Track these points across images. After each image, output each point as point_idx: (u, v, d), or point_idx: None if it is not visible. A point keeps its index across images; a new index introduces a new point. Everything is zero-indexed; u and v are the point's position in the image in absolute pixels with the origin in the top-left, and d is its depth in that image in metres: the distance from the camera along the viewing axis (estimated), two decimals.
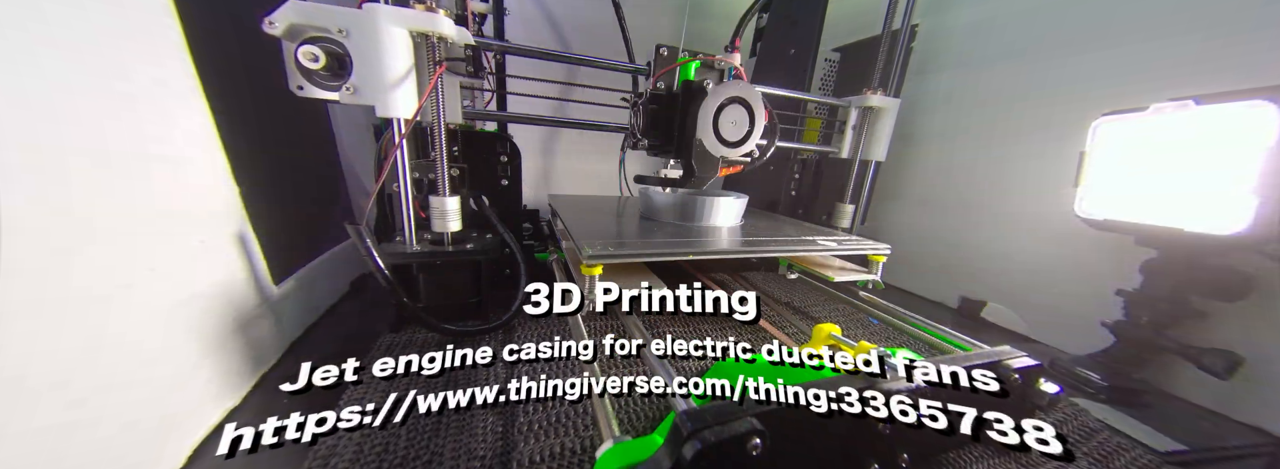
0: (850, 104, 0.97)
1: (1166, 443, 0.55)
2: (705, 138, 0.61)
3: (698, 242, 0.65)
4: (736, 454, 0.32)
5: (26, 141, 0.33)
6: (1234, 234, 0.54)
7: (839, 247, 0.70)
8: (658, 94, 0.65)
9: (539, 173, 1.45)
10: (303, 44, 0.53)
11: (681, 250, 0.60)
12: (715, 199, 0.76)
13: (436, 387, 0.55)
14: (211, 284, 0.51)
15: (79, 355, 0.36)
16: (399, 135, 0.59)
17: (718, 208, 0.76)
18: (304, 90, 0.57)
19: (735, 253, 0.65)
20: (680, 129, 0.63)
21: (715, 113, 0.60)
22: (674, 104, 0.63)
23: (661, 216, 0.80)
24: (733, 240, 0.69)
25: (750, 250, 0.65)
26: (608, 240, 0.60)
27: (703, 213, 0.77)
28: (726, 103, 0.60)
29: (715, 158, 0.63)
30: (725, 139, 0.62)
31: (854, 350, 0.44)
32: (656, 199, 0.80)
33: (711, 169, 0.64)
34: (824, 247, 0.69)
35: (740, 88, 0.60)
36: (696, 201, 0.76)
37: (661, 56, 0.68)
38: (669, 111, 0.65)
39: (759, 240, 0.69)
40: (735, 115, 0.62)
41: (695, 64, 0.63)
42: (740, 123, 0.63)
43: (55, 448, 0.33)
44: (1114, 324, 0.68)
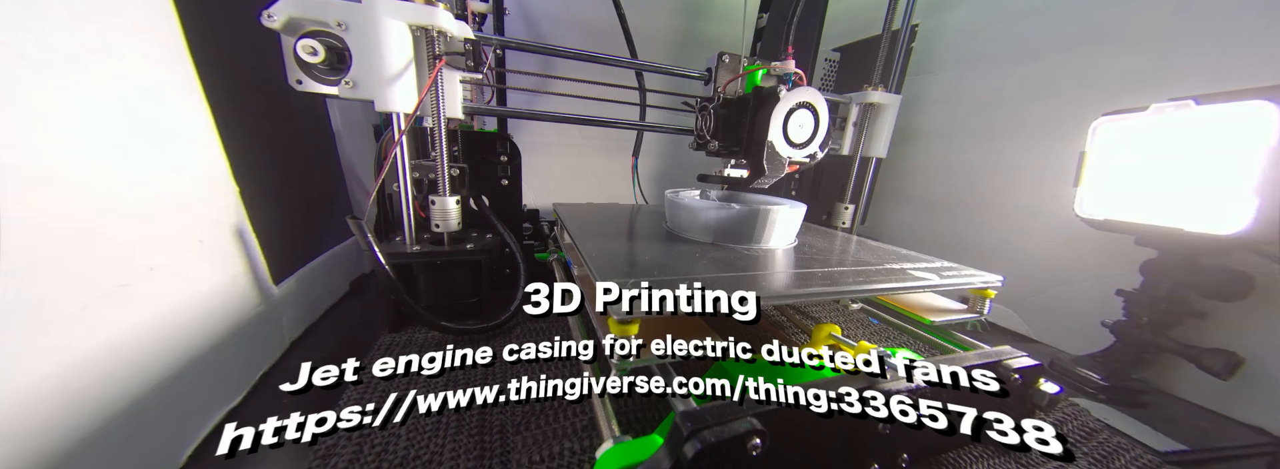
0: (851, 100, 0.97)
1: (1166, 443, 0.55)
2: (775, 140, 0.63)
3: (758, 275, 0.48)
4: (736, 454, 0.32)
5: (25, 141, 0.33)
6: (1234, 234, 0.54)
7: (939, 279, 0.53)
8: (729, 99, 0.69)
9: (539, 169, 1.45)
10: (301, 38, 0.53)
11: (749, 295, 0.43)
12: (771, 214, 0.60)
13: (436, 387, 0.55)
14: (211, 284, 0.51)
15: (79, 355, 0.36)
16: (399, 132, 0.59)
17: (774, 225, 0.61)
18: (303, 84, 0.57)
19: (819, 295, 0.47)
20: (750, 131, 0.66)
21: (785, 117, 0.63)
22: (744, 108, 0.66)
23: (694, 235, 0.64)
24: (800, 273, 0.52)
25: (834, 289, 0.47)
26: (640, 277, 0.44)
27: (756, 233, 0.61)
28: (796, 107, 0.63)
29: (783, 158, 0.65)
30: (793, 141, 0.65)
31: (854, 350, 0.44)
32: (693, 215, 0.63)
33: (779, 169, 0.66)
34: (921, 279, 0.52)
35: (809, 94, 0.63)
36: (750, 219, 0.60)
37: (723, 63, 0.72)
38: (738, 115, 0.68)
39: (834, 273, 0.52)
40: (802, 119, 0.64)
41: (763, 71, 0.65)
42: (806, 126, 0.65)
43: (54, 448, 0.33)
44: (1114, 324, 0.68)
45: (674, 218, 0.69)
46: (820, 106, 0.64)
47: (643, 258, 0.53)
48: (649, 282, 0.43)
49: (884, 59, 0.96)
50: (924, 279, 0.52)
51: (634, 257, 0.54)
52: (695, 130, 0.74)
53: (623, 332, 0.39)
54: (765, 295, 0.44)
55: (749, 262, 0.54)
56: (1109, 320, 0.69)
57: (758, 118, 0.64)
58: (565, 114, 0.87)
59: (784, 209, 0.61)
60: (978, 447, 0.51)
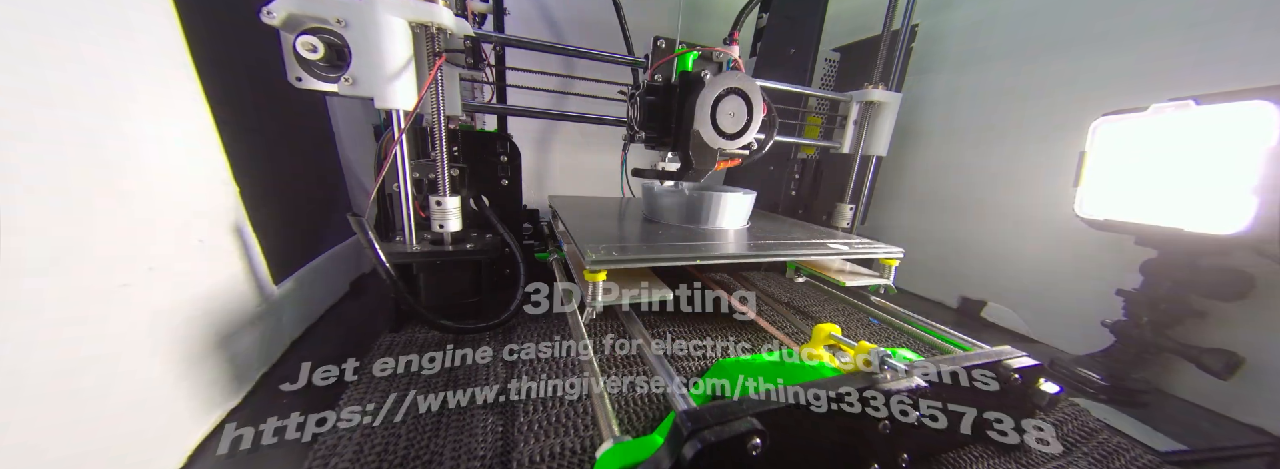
0: (851, 98, 0.97)
1: (1166, 443, 0.55)
2: (702, 129, 0.59)
3: (704, 245, 0.62)
4: (736, 454, 0.32)
5: (25, 141, 0.33)
6: (1234, 234, 0.54)
7: (850, 250, 0.68)
8: (655, 85, 0.64)
9: (539, 168, 1.45)
10: (301, 34, 0.52)
11: (687, 255, 0.58)
12: (721, 198, 0.72)
13: (436, 386, 0.55)
14: (211, 284, 0.51)
15: (79, 355, 0.36)
16: (398, 130, 0.58)
17: (724, 208, 0.73)
18: (302, 81, 0.56)
19: (743, 257, 0.63)
20: (677, 120, 0.62)
21: (713, 104, 0.59)
22: (671, 95, 0.63)
23: (665, 218, 0.78)
24: (740, 244, 0.66)
25: (758, 255, 0.63)
26: (611, 244, 0.58)
27: (708, 215, 0.74)
28: (724, 94, 0.59)
29: (713, 149, 0.62)
30: (723, 131, 0.61)
31: (854, 350, 0.44)
32: (660, 200, 0.77)
33: (709, 161, 0.63)
34: (834, 250, 0.67)
35: (738, 78, 0.59)
36: (702, 203, 0.73)
37: (659, 48, 0.67)
38: (666, 103, 0.64)
39: (766, 244, 0.67)
40: (733, 107, 0.61)
41: (693, 55, 0.62)
42: (738, 114, 0.61)
43: (53, 449, 0.33)
44: (1114, 324, 0.68)
45: (649, 204, 0.81)
46: (753, 93, 0.60)
47: (618, 232, 0.68)
48: (617, 246, 0.57)
49: (884, 59, 0.96)
50: (838, 249, 0.68)
51: (610, 231, 0.69)
52: (626, 120, 0.70)
53: (593, 278, 0.52)
54: (703, 256, 0.58)
55: (700, 235, 0.69)
56: (1109, 320, 0.69)
57: (684, 106, 0.60)
58: (565, 112, 0.87)
59: (734, 194, 0.74)
60: (978, 447, 0.51)
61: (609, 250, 0.55)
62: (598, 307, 0.53)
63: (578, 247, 0.57)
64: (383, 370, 0.58)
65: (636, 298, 0.54)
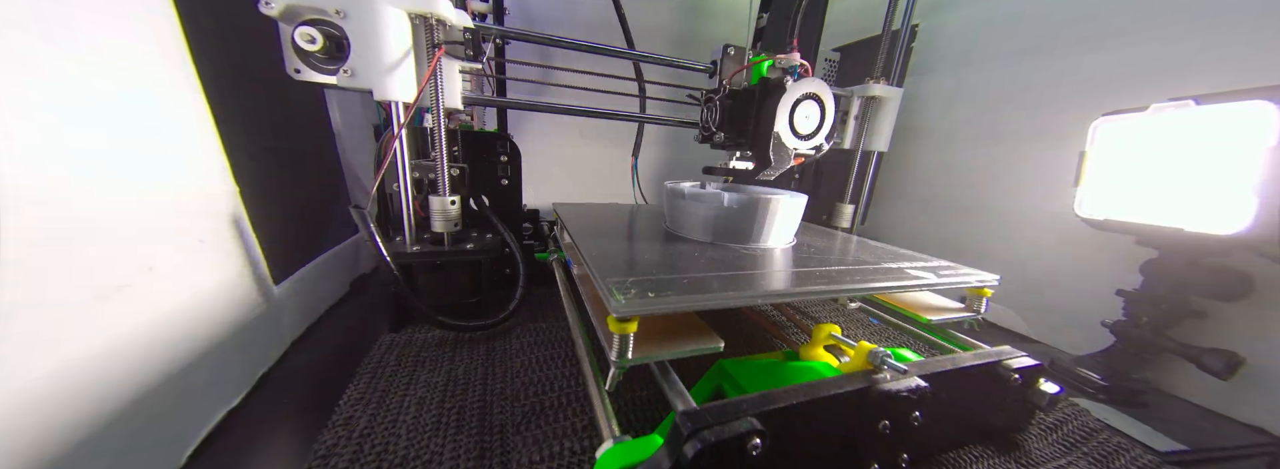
0: (852, 94, 0.97)
1: (1166, 443, 0.55)
2: (782, 131, 0.62)
3: (757, 276, 0.48)
4: (736, 454, 0.32)
5: (25, 140, 0.33)
6: (1234, 234, 0.54)
7: (937, 279, 0.53)
8: (736, 90, 0.68)
9: (539, 167, 1.44)
10: (299, 25, 0.52)
11: (746, 293, 0.42)
12: (771, 207, 0.60)
13: (436, 386, 0.55)
14: (211, 284, 0.51)
15: (79, 355, 0.36)
16: (398, 125, 0.58)
17: (773, 222, 0.61)
18: (301, 73, 0.56)
19: (815, 292, 0.46)
20: (756, 123, 0.65)
21: (792, 107, 0.62)
22: (750, 99, 0.66)
23: (694, 234, 0.64)
24: (798, 271, 0.52)
25: (831, 288, 0.47)
26: (638, 277, 0.43)
27: (757, 232, 0.61)
28: (802, 98, 0.62)
29: (789, 150, 0.64)
30: (799, 132, 0.64)
31: (854, 350, 0.44)
32: (689, 210, 0.64)
33: (785, 160, 0.65)
34: (918, 278, 0.52)
35: (815, 85, 0.62)
36: (746, 214, 0.60)
37: (729, 55, 0.71)
38: (744, 106, 0.67)
39: (832, 272, 0.52)
40: (808, 110, 0.63)
41: (769, 62, 0.64)
42: (812, 117, 0.64)
43: (55, 448, 0.33)
44: (1114, 324, 0.68)
45: (673, 215, 0.69)
46: (826, 98, 0.63)
47: (642, 257, 0.53)
48: (648, 280, 0.43)
49: (884, 59, 0.96)
50: (921, 278, 0.52)
51: (633, 256, 0.54)
52: (701, 122, 0.74)
53: (621, 329, 0.38)
54: (762, 295, 0.43)
55: (747, 261, 0.54)
56: (1109, 320, 0.69)
57: (763, 109, 0.63)
58: (565, 105, 0.86)
59: (784, 198, 0.61)
60: (978, 447, 0.51)
61: (639, 289, 0.40)
62: (625, 366, 0.39)
63: (596, 280, 0.44)
64: (383, 370, 0.58)
65: (678, 353, 0.41)
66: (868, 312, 0.76)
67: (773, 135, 0.62)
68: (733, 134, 0.69)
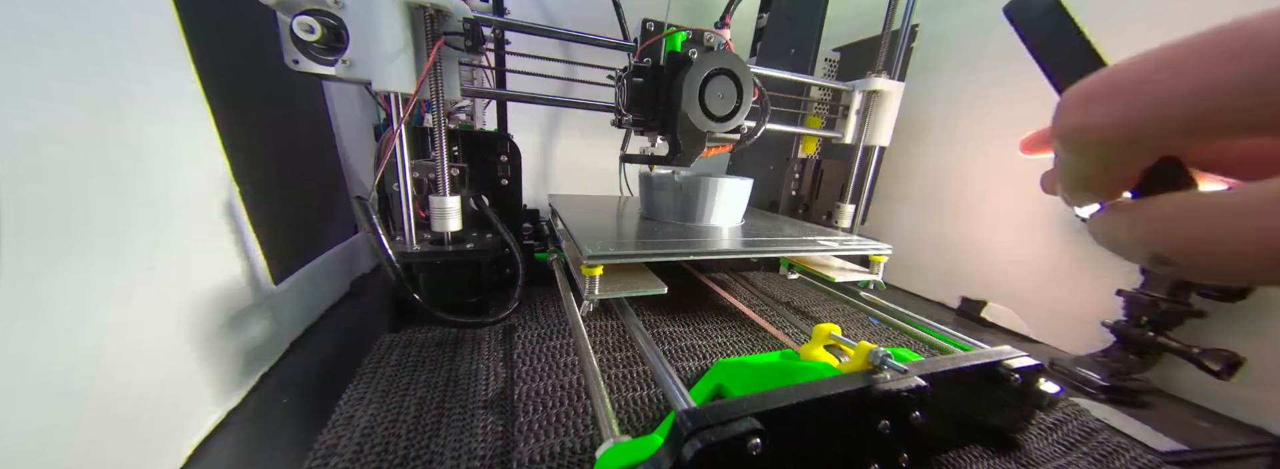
0: (854, 88, 0.97)
1: (1166, 443, 0.55)
2: (691, 111, 0.57)
3: (698, 242, 0.64)
4: (736, 454, 0.31)
5: (26, 140, 0.33)
6: None
7: (840, 247, 0.70)
8: (641, 67, 0.62)
9: (539, 165, 1.45)
10: (298, 15, 0.52)
11: (682, 251, 0.59)
12: (716, 186, 0.74)
13: (436, 386, 0.55)
14: (211, 284, 0.51)
15: (78, 355, 0.36)
16: (398, 120, 0.58)
17: (718, 199, 0.75)
18: (299, 64, 0.55)
19: (735, 253, 0.64)
20: (666, 103, 0.60)
21: (701, 84, 0.57)
22: (660, 77, 0.60)
23: (662, 216, 0.80)
24: (733, 240, 0.68)
25: (750, 250, 0.65)
26: (608, 241, 0.60)
27: (703, 212, 0.77)
28: (713, 74, 0.57)
29: (702, 133, 0.60)
30: (712, 113, 0.58)
31: (854, 350, 0.44)
32: (656, 194, 0.79)
33: (698, 144, 0.61)
34: (825, 247, 0.69)
35: (727, 58, 0.57)
36: (697, 194, 0.75)
37: (647, 31, 0.65)
38: (654, 85, 0.62)
39: (759, 241, 0.69)
40: (723, 88, 0.58)
41: (681, 36, 0.60)
42: (728, 96, 0.59)
43: (53, 448, 0.33)
44: (1114, 324, 0.68)
45: (646, 200, 0.81)
46: (742, 73, 0.58)
47: (616, 230, 0.71)
48: (615, 242, 0.59)
49: (884, 59, 0.96)
50: (828, 246, 0.70)
51: (607, 228, 0.71)
52: (614, 104, 0.68)
53: (590, 272, 0.53)
54: (695, 252, 0.60)
55: (696, 232, 0.71)
56: (1109, 320, 0.69)
57: (672, 87, 0.58)
58: (565, 98, 0.86)
59: (729, 181, 0.74)
60: (978, 447, 0.51)
61: (606, 246, 0.56)
62: (595, 299, 0.54)
63: (576, 243, 0.59)
64: (383, 370, 0.58)
65: (632, 291, 0.56)
66: (877, 317, 0.79)
67: (680, 116, 0.57)
68: (642, 116, 0.64)
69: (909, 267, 1.15)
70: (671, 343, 0.69)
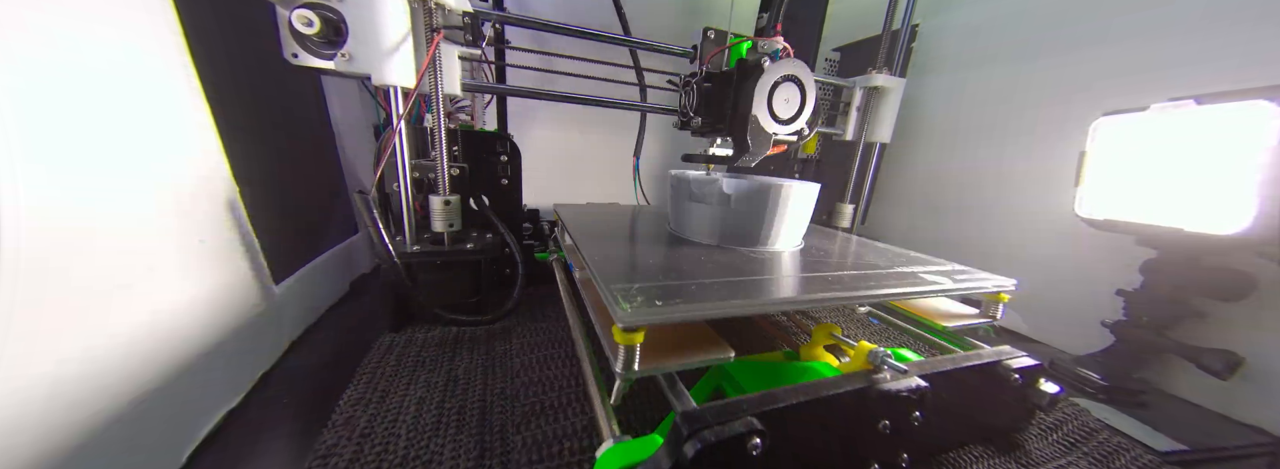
0: (855, 84, 0.97)
1: (1166, 443, 0.55)
2: (760, 114, 0.59)
3: (765, 280, 0.46)
4: (736, 454, 0.32)
5: (26, 141, 0.33)
6: (1234, 234, 0.54)
7: (952, 283, 0.51)
8: (713, 73, 0.66)
9: (539, 170, 1.44)
10: (296, 8, 0.51)
11: (757, 301, 0.41)
12: (781, 207, 0.58)
13: (436, 386, 0.55)
14: (212, 284, 0.51)
15: (79, 355, 0.36)
16: (398, 118, 0.58)
17: (783, 221, 0.60)
18: (298, 58, 0.55)
19: (828, 299, 0.44)
20: (734, 106, 0.63)
21: (770, 90, 0.59)
22: (728, 82, 0.63)
23: (699, 237, 0.63)
24: (810, 277, 0.50)
25: (846, 295, 0.44)
26: (644, 283, 0.42)
27: (764, 231, 0.59)
28: (781, 80, 0.59)
29: (768, 135, 0.61)
30: (778, 116, 0.61)
31: (854, 350, 0.44)
32: (692, 212, 0.63)
33: (764, 145, 0.62)
34: (934, 283, 0.50)
35: (795, 66, 0.59)
36: (754, 216, 0.59)
37: (708, 39, 0.68)
38: (722, 90, 0.65)
39: (844, 278, 0.49)
40: (788, 93, 0.61)
41: (747, 44, 0.62)
42: (792, 100, 0.61)
43: (55, 448, 0.33)
44: (1114, 324, 0.68)
45: (677, 216, 0.67)
46: (807, 79, 0.60)
47: (646, 261, 0.51)
48: (654, 288, 0.41)
49: (884, 59, 0.96)
50: (937, 283, 0.50)
51: (636, 260, 0.52)
52: (680, 108, 0.70)
53: (628, 340, 0.36)
54: (774, 302, 0.42)
55: (756, 265, 0.52)
56: (1109, 320, 0.69)
57: (741, 91, 0.60)
58: (565, 93, 0.85)
59: (795, 185, 0.59)
60: (978, 447, 0.51)
61: (645, 297, 0.38)
62: (633, 378, 0.37)
63: (600, 287, 0.42)
64: (383, 370, 0.58)
65: (688, 364, 0.39)
66: (878, 316, 0.73)
67: (751, 119, 0.59)
68: (710, 119, 0.66)
69: None
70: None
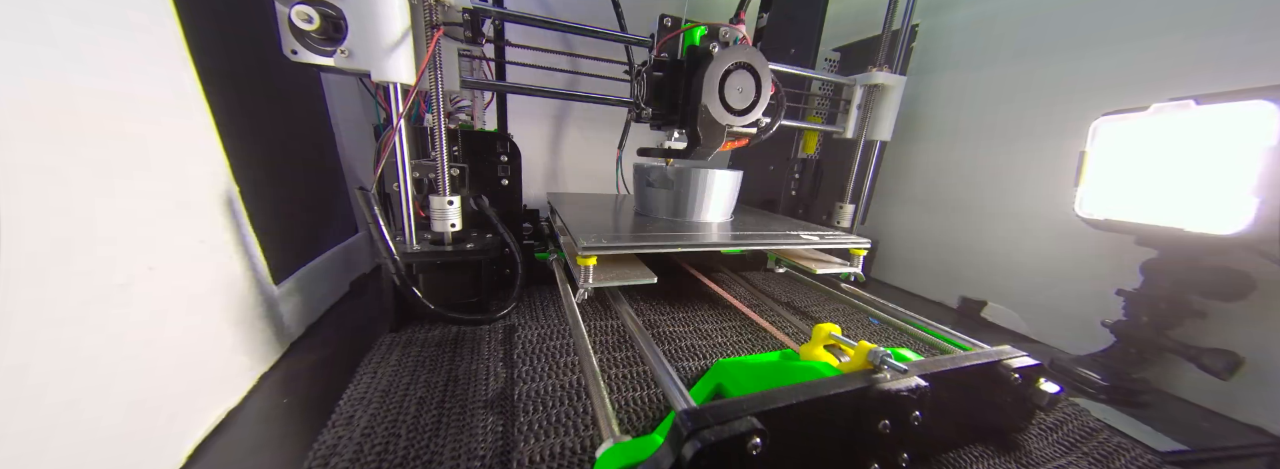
0: (855, 82, 0.97)
1: (1166, 443, 0.55)
2: (711, 104, 0.58)
3: (688, 234, 0.69)
4: (736, 454, 0.32)
5: (26, 140, 0.33)
6: (1234, 234, 0.54)
7: (820, 240, 0.75)
8: (661, 61, 0.63)
9: (538, 161, 1.45)
10: (295, 4, 0.51)
11: (671, 243, 0.63)
12: (705, 186, 0.79)
13: (436, 386, 0.55)
14: (211, 284, 0.51)
15: (78, 355, 0.36)
16: (397, 115, 0.58)
17: (708, 197, 0.80)
18: (298, 54, 0.55)
19: (720, 245, 0.68)
20: (685, 97, 0.61)
21: (721, 78, 0.58)
22: (679, 71, 0.61)
23: (655, 212, 0.84)
24: (721, 234, 0.72)
25: (734, 243, 0.69)
26: (603, 234, 0.63)
27: (693, 206, 0.81)
28: (733, 68, 0.58)
29: (721, 126, 0.60)
30: (731, 106, 0.59)
31: (854, 350, 0.44)
32: (648, 190, 0.83)
33: (717, 137, 0.61)
34: (806, 240, 0.74)
35: (747, 52, 0.58)
36: (687, 194, 0.80)
37: (664, 26, 0.66)
38: (674, 79, 0.62)
39: (746, 235, 0.73)
40: (742, 82, 0.59)
41: (700, 31, 0.60)
42: (746, 90, 0.60)
43: (53, 447, 0.33)
44: (1114, 324, 0.68)
45: (640, 197, 0.85)
46: (761, 68, 0.59)
47: (611, 225, 0.75)
48: (609, 235, 0.63)
49: (884, 58, 0.96)
50: (809, 240, 0.75)
51: (604, 224, 0.74)
52: (632, 98, 0.68)
53: (584, 262, 0.57)
54: (684, 244, 0.64)
55: (687, 227, 0.77)
56: (1109, 320, 0.69)
57: (692, 80, 0.58)
58: (564, 90, 0.85)
59: (718, 172, 0.78)
60: (978, 447, 0.51)
61: (600, 239, 0.60)
62: (589, 288, 0.58)
63: (572, 236, 0.62)
64: (383, 370, 0.58)
65: (624, 281, 0.60)
66: (878, 317, 0.81)
67: (701, 109, 0.58)
68: (662, 110, 0.65)
69: (909, 266, 1.15)
70: (671, 343, 0.69)
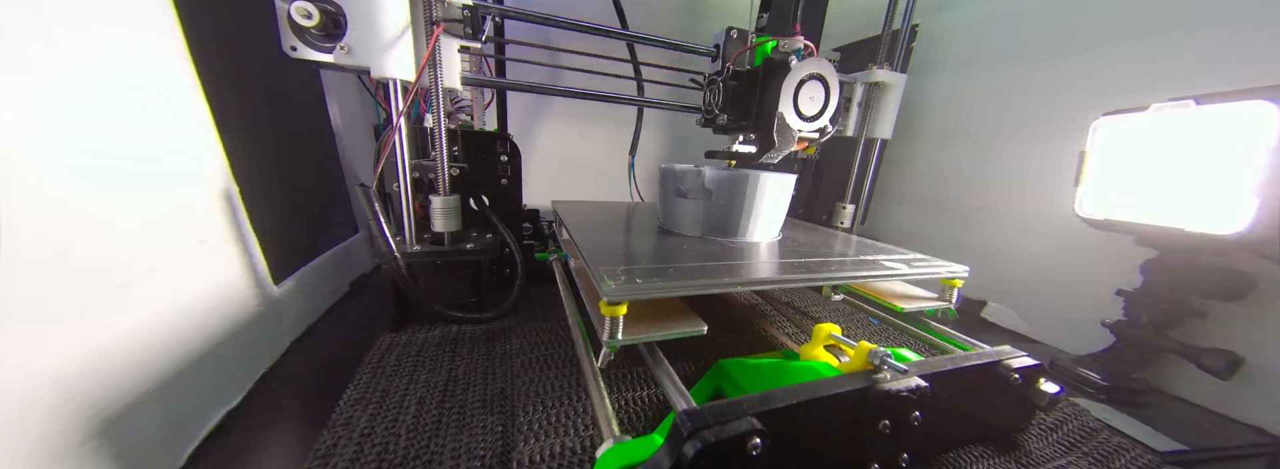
0: (856, 80, 0.97)
1: (1166, 443, 0.55)
2: (786, 111, 0.61)
3: (738, 265, 0.51)
4: (736, 454, 0.32)
5: (26, 140, 0.33)
6: (1234, 234, 0.54)
7: (909, 269, 0.57)
8: (738, 71, 0.67)
9: (539, 170, 1.44)
10: (295, 0, 0.51)
11: (723, 280, 0.46)
12: (756, 197, 0.63)
13: (436, 386, 0.55)
14: (211, 284, 0.51)
15: (78, 355, 0.36)
16: (397, 113, 0.58)
17: (759, 211, 0.64)
18: (297, 51, 0.55)
19: (788, 281, 0.49)
20: (760, 103, 0.64)
21: (796, 87, 0.61)
22: (753, 80, 0.65)
23: (683, 229, 0.68)
24: (778, 262, 0.56)
25: (807, 278, 0.50)
26: (629, 266, 0.47)
27: (741, 223, 0.64)
28: (807, 78, 0.61)
29: (793, 131, 0.63)
30: (803, 113, 0.63)
31: (854, 350, 0.44)
32: (677, 205, 0.67)
33: (789, 142, 0.64)
34: (891, 269, 0.56)
35: (819, 64, 0.61)
36: (732, 207, 0.64)
37: (732, 38, 0.71)
38: (748, 87, 0.66)
39: (810, 263, 0.55)
40: (812, 91, 0.62)
41: (772, 43, 0.64)
42: (816, 98, 0.63)
43: (54, 448, 0.33)
44: (1114, 324, 0.68)
45: (665, 210, 0.71)
46: (831, 78, 0.62)
47: (634, 249, 0.57)
48: (638, 270, 0.46)
49: (884, 58, 0.96)
50: (894, 269, 0.57)
51: (626, 248, 0.58)
52: (703, 106, 0.72)
53: (612, 312, 0.42)
54: (742, 282, 0.47)
55: (733, 252, 0.58)
56: (1109, 320, 0.69)
57: (767, 89, 0.63)
58: (565, 87, 0.85)
59: (773, 177, 0.63)
60: (978, 447, 0.51)
61: (629, 275, 0.44)
62: (616, 346, 0.43)
63: (590, 269, 0.47)
64: (383, 370, 0.58)
65: (665, 334, 0.45)
66: (852, 304, 0.76)
67: (777, 116, 0.61)
68: (735, 116, 0.68)
69: None
70: (671, 343, 0.69)
